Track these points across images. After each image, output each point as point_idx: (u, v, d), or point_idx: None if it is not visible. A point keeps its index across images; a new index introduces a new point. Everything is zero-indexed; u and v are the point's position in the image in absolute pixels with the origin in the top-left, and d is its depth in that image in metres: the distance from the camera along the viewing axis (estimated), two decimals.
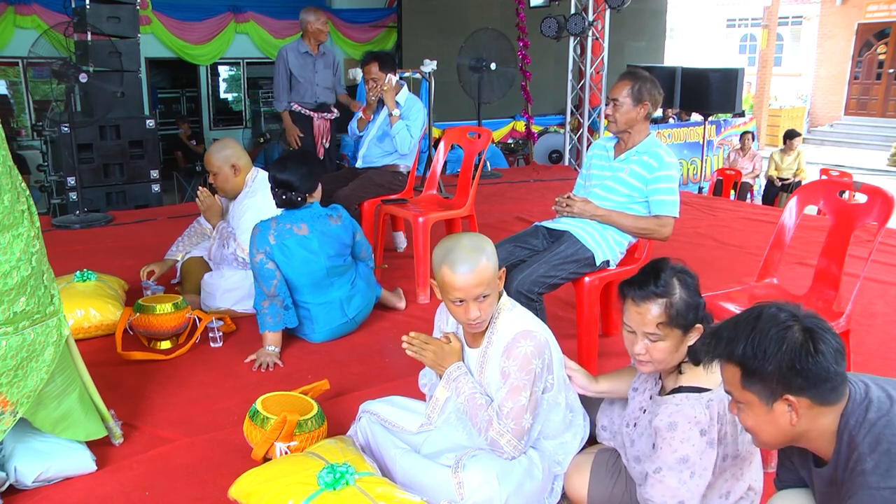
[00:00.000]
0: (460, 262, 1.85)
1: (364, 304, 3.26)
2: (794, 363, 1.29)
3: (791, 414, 1.33)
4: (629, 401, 1.94)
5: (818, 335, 1.31)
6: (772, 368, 1.30)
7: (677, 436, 1.66)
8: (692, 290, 1.73)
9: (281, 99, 5.31)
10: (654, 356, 1.75)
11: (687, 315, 1.71)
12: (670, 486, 1.66)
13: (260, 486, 1.85)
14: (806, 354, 1.29)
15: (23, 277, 1.92)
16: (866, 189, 2.49)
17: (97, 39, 5.74)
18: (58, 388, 2.09)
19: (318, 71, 5.30)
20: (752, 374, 1.33)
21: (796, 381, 1.30)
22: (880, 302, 3.71)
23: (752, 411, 1.37)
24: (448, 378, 1.99)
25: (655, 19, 11.65)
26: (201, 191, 3.44)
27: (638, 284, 1.74)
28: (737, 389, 1.37)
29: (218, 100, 11.97)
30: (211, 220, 3.47)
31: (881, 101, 17.65)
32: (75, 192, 5.49)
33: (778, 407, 1.33)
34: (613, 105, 2.82)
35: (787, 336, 1.30)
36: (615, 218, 2.83)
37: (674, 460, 1.66)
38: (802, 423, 1.34)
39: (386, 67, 4.21)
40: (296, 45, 5.30)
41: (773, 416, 1.34)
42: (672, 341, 1.73)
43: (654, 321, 1.71)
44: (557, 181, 6.98)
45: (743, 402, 1.38)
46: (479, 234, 2.00)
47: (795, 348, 1.29)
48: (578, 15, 6.98)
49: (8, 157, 1.93)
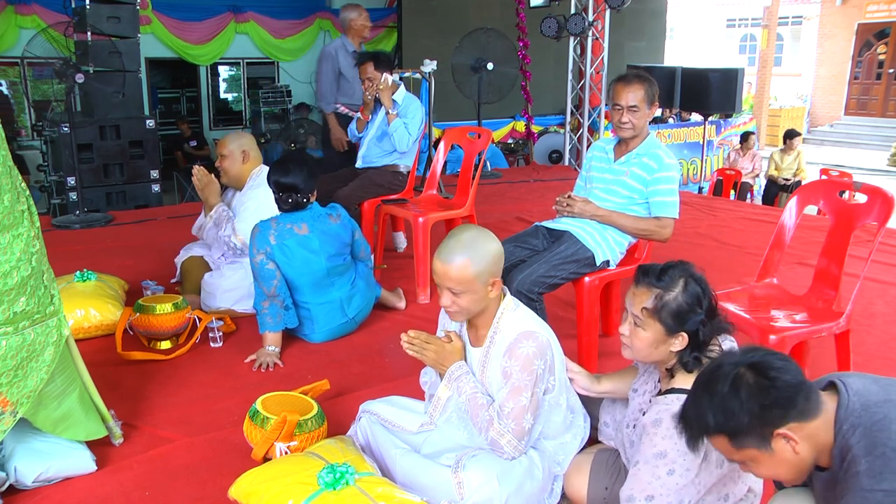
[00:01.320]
0: (445, 251, 1.89)
1: (364, 304, 3.26)
2: (762, 401, 1.32)
3: (790, 444, 1.34)
4: (629, 401, 1.94)
5: (763, 364, 1.34)
6: (747, 419, 1.33)
7: (660, 432, 1.66)
8: (693, 299, 1.72)
9: (328, 100, 5.11)
10: (633, 342, 1.78)
11: (675, 317, 1.71)
12: (641, 479, 1.66)
13: (260, 486, 1.85)
14: (764, 389, 1.32)
15: (23, 277, 1.92)
16: (866, 189, 2.49)
17: (97, 39, 5.75)
18: (58, 388, 2.09)
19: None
20: (736, 433, 1.35)
21: (774, 413, 1.32)
22: (880, 302, 3.71)
23: (759, 463, 1.38)
24: (450, 377, 1.99)
25: (655, 19, 11.65)
26: (197, 168, 3.47)
27: (646, 270, 1.78)
28: (734, 453, 1.39)
29: (218, 100, 11.97)
30: (210, 198, 3.47)
31: (881, 101, 17.64)
32: (75, 192, 5.49)
33: (776, 445, 1.35)
34: (630, 111, 2.74)
35: (741, 384, 1.33)
36: (615, 218, 2.83)
37: (651, 454, 1.66)
38: (805, 447, 1.35)
39: (382, 67, 4.20)
40: (341, 44, 5.13)
41: (778, 455, 1.36)
42: (652, 333, 1.74)
43: (639, 304, 1.75)
44: (557, 181, 6.98)
45: (747, 459, 1.39)
46: (490, 234, 1.95)
47: (753, 390, 1.32)
48: (578, 15, 6.98)
49: (8, 157, 1.93)
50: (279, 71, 11.66)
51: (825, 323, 2.42)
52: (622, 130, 2.81)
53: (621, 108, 2.76)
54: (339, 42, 5.18)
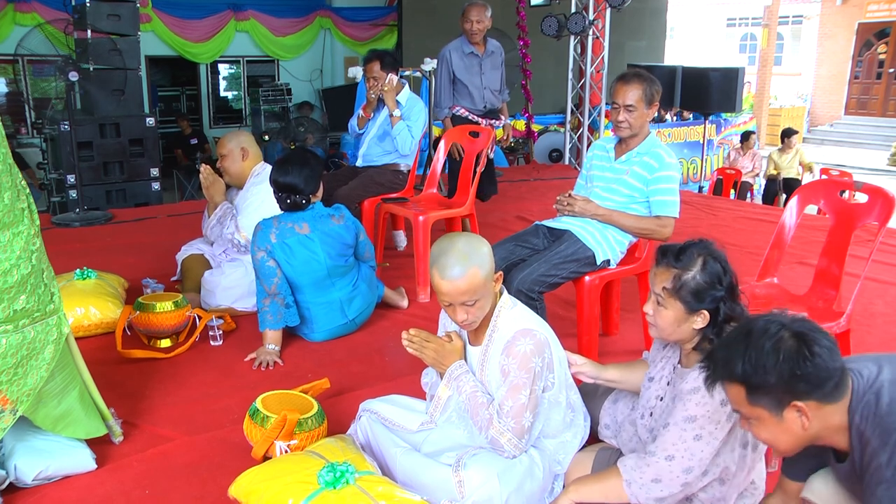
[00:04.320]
0: (449, 267, 1.83)
1: (365, 306, 3.25)
2: (794, 370, 1.31)
3: (802, 419, 1.34)
4: (643, 392, 1.95)
5: (810, 338, 1.32)
6: (774, 380, 1.32)
7: (695, 398, 1.69)
8: (712, 277, 1.74)
9: (440, 105, 4.75)
10: (657, 321, 1.80)
11: (694, 295, 1.73)
12: (666, 439, 1.70)
13: (260, 485, 1.85)
14: (803, 359, 1.30)
15: (23, 275, 1.92)
16: (867, 189, 2.49)
17: (97, 37, 5.74)
18: (58, 386, 2.09)
19: (484, 72, 4.72)
20: (756, 389, 1.34)
21: (800, 386, 1.31)
22: (880, 302, 3.71)
23: (763, 424, 1.38)
24: (450, 376, 1.99)
25: (656, 18, 11.64)
26: (204, 167, 3.50)
27: (665, 251, 1.80)
28: (744, 406, 1.39)
29: (218, 98, 11.97)
30: (214, 196, 3.49)
31: (881, 101, 17.64)
32: (75, 189, 5.49)
33: (788, 415, 1.34)
34: (627, 110, 2.74)
35: (781, 345, 1.32)
36: (616, 218, 2.83)
37: (681, 417, 1.69)
38: (815, 425, 1.35)
39: (387, 67, 4.20)
40: (459, 45, 4.71)
41: (785, 424, 1.36)
42: (673, 312, 1.75)
43: (660, 283, 1.77)
44: (557, 180, 6.98)
45: (753, 417, 1.39)
46: (476, 235, 1.98)
47: (792, 356, 1.31)
48: (579, 14, 6.98)
49: (8, 154, 1.93)
50: (279, 69, 11.67)
51: (825, 323, 2.41)
52: (619, 129, 2.81)
53: (619, 107, 2.76)
54: (457, 42, 4.73)
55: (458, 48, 4.70)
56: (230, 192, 3.59)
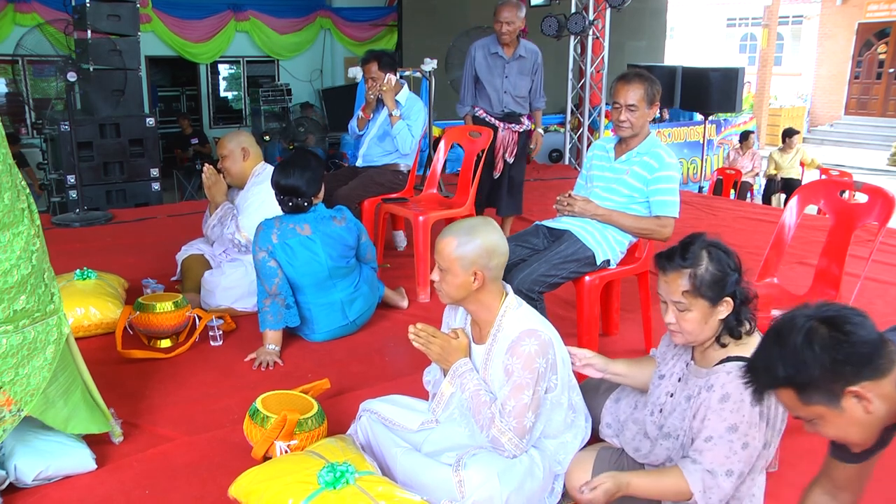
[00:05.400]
0: (447, 229, 1.98)
1: (366, 308, 3.25)
2: (835, 356, 1.25)
3: (862, 403, 1.27)
4: (652, 389, 1.95)
5: (839, 318, 1.28)
6: (818, 373, 1.26)
7: (727, 406, 1.69)
8: (722, 264, 1.75)
9: (463, 102, 4.58)
10: (683, 327, 1.78)
11: (713, 287, 1.73)
12: (719, 454, 1.70)
13: (260, 485, 1.85)
14: (838, 342, 1.26)
15: (23, 275, 1.92)
16: (867, 189, 2.49)
17: (97, 37, 5.74)
18: (62, 386, 2.10)
19: (507, 76, 4.45)
20: (805, 387, 1.29)
21: (846, 370, 1.26)
22: (880, 302, 3.71)
23: (826, 422, 1.32)
24: (454, 373, 1.99)
25: (656, 18, 11.63)
26: (207, 167, 3.52)
27: (668, 256, 1.79)
28: (801, 409, 1.33)
29: (218, 98, 11.98)
30: (216, 197, 3.52)
31: (881, 101, 17.64)
32: (75, 190, 5.49)
33: (846, 404, 1.28)
34: (629, 110, 2.73)
35: (814, 336, 1.27)
36: (616, 218, 2.83)
37: (724, 429, 1.69)
38: (878, 405, 1.28)
39: (386, 67, 4.20)
40: (486, 44, 4.48)
41: (848, 414, 1.29)
42: (699, 312, 1.75)
43: (678, 290, 1.75)
44: (557, 180, 6.98)
45: (814, 417, 1.33)
46: (494, 230, 1.97)
47: (827, 342, 1.26)
48: (579, 14, 6.98)
49: (8, 154, 1.93)
50: (279, 69, 11.67)
51: None
52: (621, 129, 2.80)
53: (620, 107, 2.75)
54: (486, 40, 4.51)
55: (485, 47, 4.47)
56: (231, 193, 3.60)
